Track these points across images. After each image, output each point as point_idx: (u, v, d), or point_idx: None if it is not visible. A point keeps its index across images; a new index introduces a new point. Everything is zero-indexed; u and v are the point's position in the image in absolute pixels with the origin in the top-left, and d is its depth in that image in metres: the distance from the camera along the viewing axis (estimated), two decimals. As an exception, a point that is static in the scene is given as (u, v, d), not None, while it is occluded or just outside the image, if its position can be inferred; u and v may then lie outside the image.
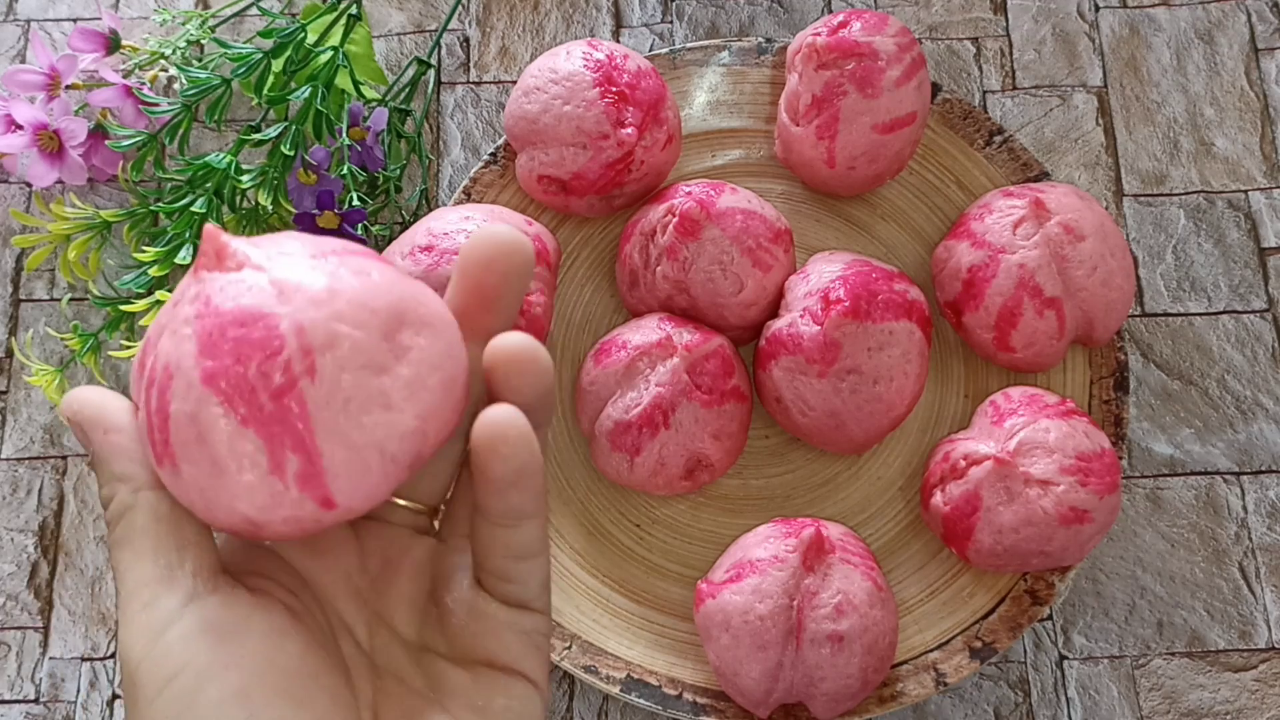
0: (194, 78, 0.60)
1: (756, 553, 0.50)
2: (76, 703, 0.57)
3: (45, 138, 0.60)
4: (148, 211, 0.59)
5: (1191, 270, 0.62)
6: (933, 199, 0.61)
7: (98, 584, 0.59)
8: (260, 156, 0.62)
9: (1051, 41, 0.67)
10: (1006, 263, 0.54)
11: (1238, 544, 0.58)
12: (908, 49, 0.56)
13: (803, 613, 0.48)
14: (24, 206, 0.65)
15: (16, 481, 0.60)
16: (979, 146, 0.61)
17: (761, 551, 0.50)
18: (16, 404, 0.62)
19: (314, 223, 0.57)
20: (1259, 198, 0.63)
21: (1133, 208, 0.64)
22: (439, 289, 0.53)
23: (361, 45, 0.64)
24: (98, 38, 0.62)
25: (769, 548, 0.50)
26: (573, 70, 0.56)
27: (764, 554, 0.50)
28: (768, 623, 0.48)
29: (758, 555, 0.50)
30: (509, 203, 0.60)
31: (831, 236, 0.61)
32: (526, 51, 0.67)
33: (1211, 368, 0.61)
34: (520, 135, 0.57)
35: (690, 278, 0.55)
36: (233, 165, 0.58)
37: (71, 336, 0.59)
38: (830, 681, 0.48)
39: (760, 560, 0.50)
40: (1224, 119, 0.65)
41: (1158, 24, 0.67)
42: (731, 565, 0.51)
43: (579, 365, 0.58)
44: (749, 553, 0.51)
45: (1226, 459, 0.59)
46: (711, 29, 0.67)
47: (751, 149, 0.62)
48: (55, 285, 0.64)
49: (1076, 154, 0.64)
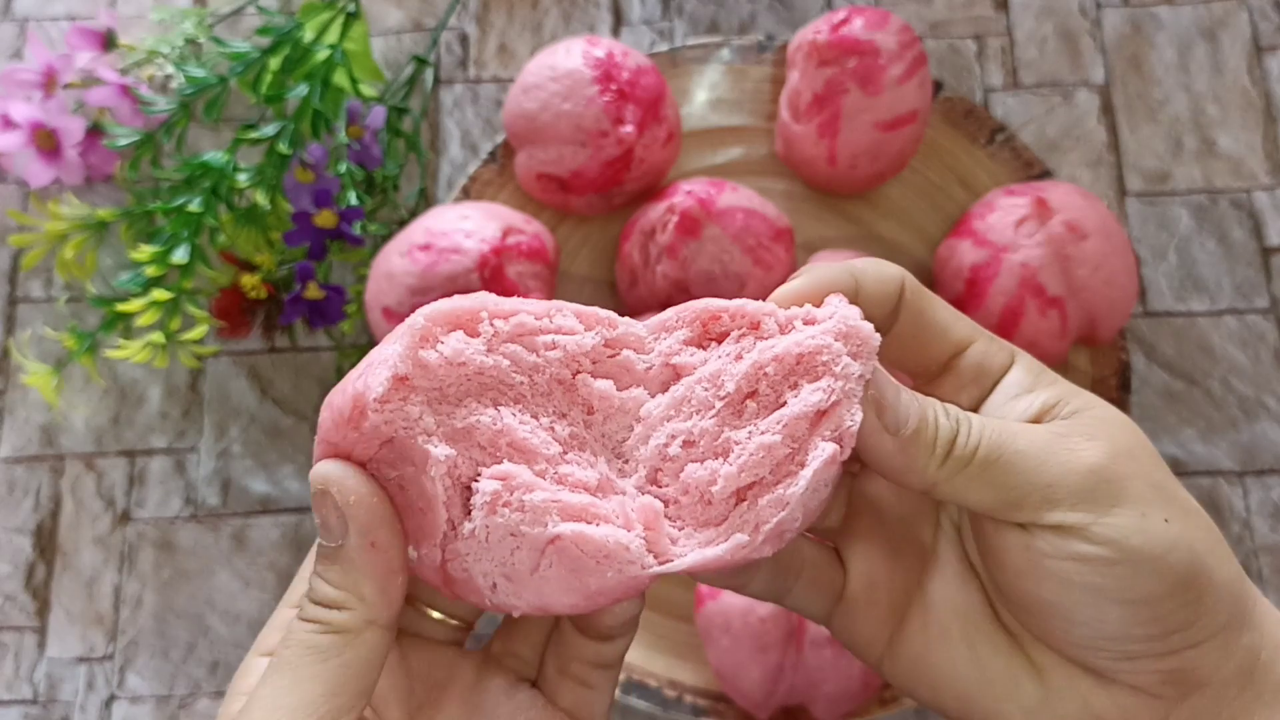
0: (191, 76, 0.60)
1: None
2: (75, 703, 0.57)
3: (42, 136, 0.60)
4: (144, 210, 0.59)
5: (1194, 269, 0.62)
6: (934, 197, 0.61)
7: (94, 585, 0.58)
8: (257, 155, 0.61)
9: (1054, 39, 0.66)
10: (1009, 262, 0.53)
11: (1241, 545, 0.57)
12: (909, 46, 0.56)
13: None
14: (20, 205, 0.65)
15: (13, 482, 0.60)
16: (981, 145, 0.60)
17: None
18: (13, 404, 0.61)
19: (311, 221, 0.57)
20: (1262, 196, 0.63)
21: (1135, 206, 0.63)
22: (437, 287, 0.53)
23: (359, 43, 0.64)
24: (95, 36, 0.62)
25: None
26: (572, 68, 0.55)
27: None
28: (769, 624, 0.48)
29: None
30: (508, 201, 0.60)
31: (833, 235, 0.60)
32: (525, 49, 0.67)
33: (1214, 367, 0.60)
34: (519, 133, 0.57)
35: (691, 276, 0.55)
36: (230, 164, 0.57)
37: (68, 336, 0.58)
38: (831, 683, 0.48)
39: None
40: (1227, 117, 0.65)
41: (1160, 22, 0.67)
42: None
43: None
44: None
45: (1229, 459, 0.59)
46: (712, 26, 0.67)
47: (752, 147, 0.62)
48: (51, 285, 0.63)
49: (1079, 152, 0.64)
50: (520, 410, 0.27)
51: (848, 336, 0.27)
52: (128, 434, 0.61)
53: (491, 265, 0.53)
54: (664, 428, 0.28)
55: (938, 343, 0.30)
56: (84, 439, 0.61)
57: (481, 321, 0.27)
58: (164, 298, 0.56)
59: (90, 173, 0.63)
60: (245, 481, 0.60)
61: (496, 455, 0.27)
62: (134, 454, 0.61)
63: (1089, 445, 0.27)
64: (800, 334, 0.27)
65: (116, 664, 0.57)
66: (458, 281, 0.52)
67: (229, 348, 0.62)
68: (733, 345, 0.28)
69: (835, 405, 0.26)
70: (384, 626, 0.26)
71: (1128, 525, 0.26)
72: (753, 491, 0.27)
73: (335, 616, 0.26)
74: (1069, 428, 0.28)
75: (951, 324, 0.30)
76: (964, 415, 0.28)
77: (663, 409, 0.28)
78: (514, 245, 0.54)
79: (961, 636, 0.30)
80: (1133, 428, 0.29)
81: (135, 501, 0.60)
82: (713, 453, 0.27)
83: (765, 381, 0.27)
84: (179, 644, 0.58)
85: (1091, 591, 0.27)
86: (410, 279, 0.53)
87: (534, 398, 0.28)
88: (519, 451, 0.27)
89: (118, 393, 0.62)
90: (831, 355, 0.27)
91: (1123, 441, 0.28)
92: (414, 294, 0.52)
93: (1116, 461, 0.27)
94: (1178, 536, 0.27)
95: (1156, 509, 0.27)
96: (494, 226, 0.54)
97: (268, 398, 0.61)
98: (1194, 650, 0.27)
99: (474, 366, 0.27)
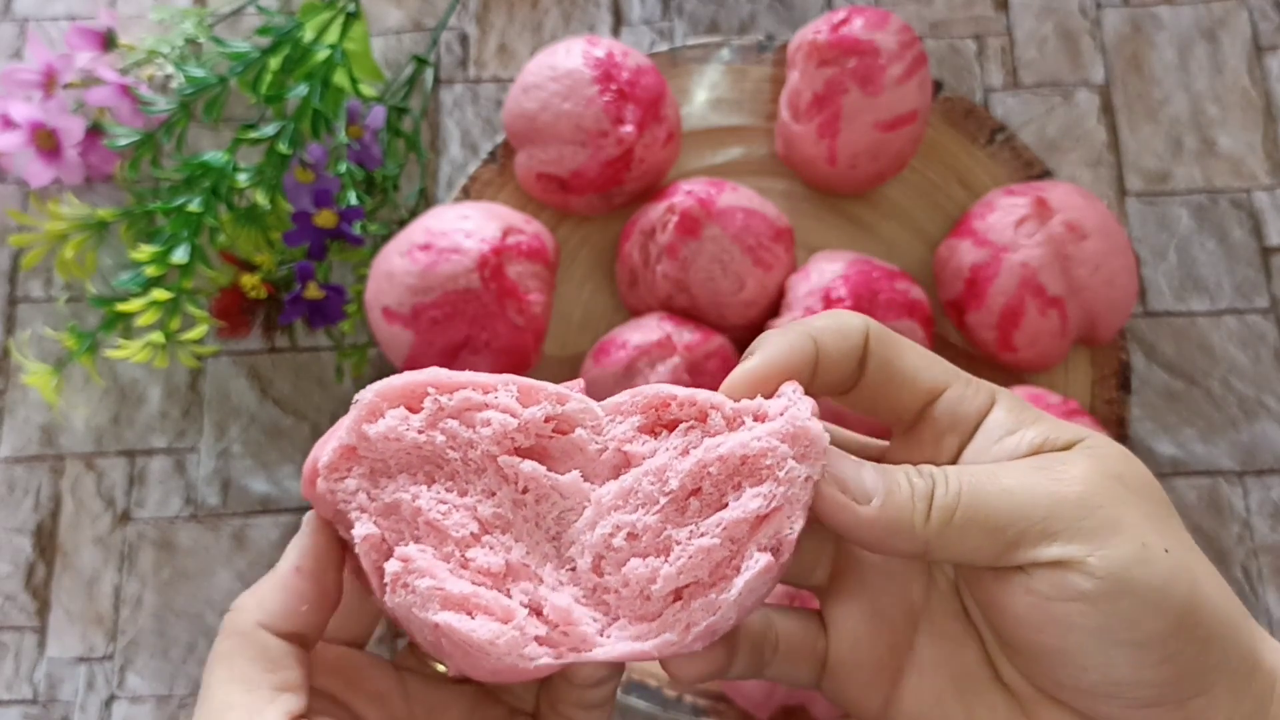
0: (191, 76, 0.60)
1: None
2: (75, 703, 0.57)
3: (42, 136, 0.60)
4: (144, 210, 0.59)
5: (1194, 269, 0.62)
6: (934, 197, 0.61)
7: (94, 585, 0.58)
8: (258, 155, 0.61)
9: (1054, 39, 0.66)
10: (1009, 261, 0.53)
11: (1240, 545, 0.57)
12: (909, 46, 0.56)
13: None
14: (20, 205, 0.65)
15: (13, 482, 0.60)
16: (981, 144, 0.60)
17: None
18: (13, 404, 0.61)
19: (311, 221, 0.57)
20: (1262, 196, 0.63)
21: (1135, 206, 0.63)
22: (437, 287, 0.53)
23: (359, 43, 0.64)
24: (95, 36, 0.62)
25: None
26: (572, 67, 0.55)
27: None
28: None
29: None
30: (508, 201, 0.60)
31: (833, 235, 0.60)
32: (525, 49, 0.67)
33: (1214, 367, 0.60)
34: (519, 133, 0.57)
35: (690, 276, 0.55)
36: (230, 164, 0.57)
37: (68, 336, 0.58)
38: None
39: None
40: (1227, 117, 0.65)
41: (1160, 22, 0.67)
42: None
43: (579, 365, 0.58)
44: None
45: (1229, 459, 0.59)
46: (712, 26, 0.67)
47: (752, 147, 0.62)
48: (51, 284, 0.63)
49: (1079, 152, 0.64)
50: (448, 487, 0.28)
51: (796, 438, 0.27)
52: (128, 434, 0.61)
53: (491, 265, 0.53)
54: (610, 517, 0.28)
55: (909, 391, 0.29)
56: (84, 439, 0.61)
57: (427, 396, 0.28)
58: (164, 298, 0.56)
59: (90, 173, 0.62)
60: (245, 481, 0.60)
61: (415, 533, 0.27)
62: (134, 454, 0.61)
63: (1077, 473, 0.27)
64: (747, 434, 0.27)
65: (116, 664, 0.57)
66: (458, 281, 0.52)
67: (229, 348, 0.62)
68: (680, 438, 0.28)
69: (776, 511, 0.26)
70: (277, 632, 0.28)
71: (1127, 555, 0.26)
72: (689, 591, 0.27)
73: (236, 619, 0.28)
74: (1054, 459, 0.27)
75: (922, 370, 0.29)
76: (937, 470, 0.27)
77: (611, 497, 0.28)
78: (514, 245, 0.54)
79: (958, 699, 0.29)
80: (1126, 455, 0.28)
81: (135, 501, 0.60)
82: (654, 549, 0.27)
83: (709, 480, 0.27)
84: (179, 644, 0.58)
85: (1097, 635, 0.26)
86: (410, 279, 0.53)
87: (466, 474, 0.28)
88: (434, 531, 0.27)
89: (118, 393, 0.62)
90: (776, 459, 0.26)
91: (1114, 468, 0.27)
92: (414, 294, 0.52)
93: (1108, 488, 0.26)
94: (1178, 566, 0.26)
95: (1156, 538, 0.26)
96: (494, 226, 0.54)
97: (268, 398, 0.61)
98: (1205, 698, 0.26)
99: (408, 442, 0.27)
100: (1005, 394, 0.29)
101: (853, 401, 0.30)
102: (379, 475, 0.28)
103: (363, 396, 0.28)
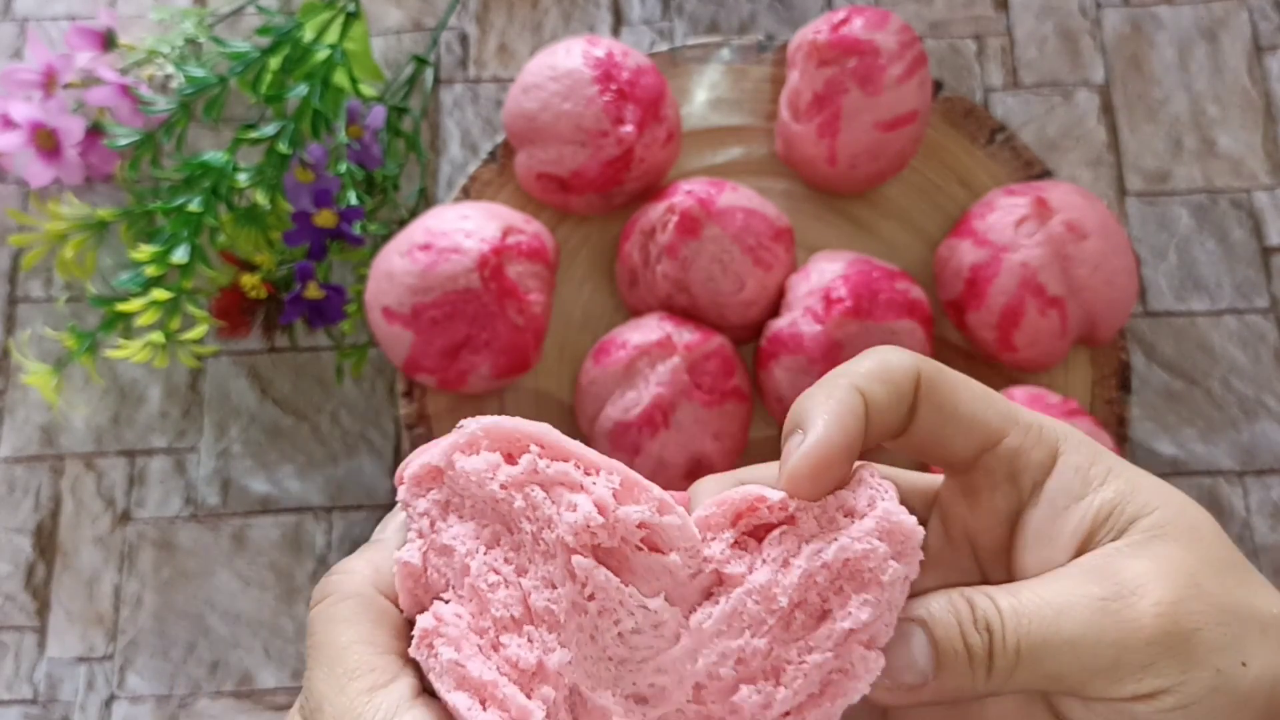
0: (191, 76, 0.60)
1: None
2: (75, 703, 0.57)
3: (42, 136, 0.60)
4: (144, 210, 0.59)
5: (1194, 269, 0.62)
6: (934, 197, 0.61)
7: (94, 585, 0.58)
8: (258, 155, 0.61)
9: (1054, 39, 0.66)
10: (1009, 261, 0.53)
11: (1240, 544, 0.57)
12: (909, 46, 0.56)
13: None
14: (20, 205, 0.65)
15: (13, 482, 0.60)
16: (981, 144, 0.60)
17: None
18: (13, 404, 0.61)
19: (311, 221, 0.57)
20: (1262, 196, 0.63)
21: (1135, 206, 0.63)
22: (437, 286, 0.53)
23: (359, 43, 0.64)
24: (94, 36, 0.62)
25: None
26: (572, 67, 0.55)
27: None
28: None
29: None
30: (508, 201, 0.60)
31: (833, 235, 0.60)
32: (525, 49, 0.67)
33: (1215, 367, 0.60)
34: (519, 133, 0.57)
35: (690, 276, 0.55)
36: (230, 164, 0.57)
37: (68, 336, 0.58)
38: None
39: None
40: (1227, 117, 0.65)
41: (1160, 22, 0.67)
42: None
43: (579, 365, 0.58)
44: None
45: (1229, 459, 0.59)
46: (712, 26, 0.67)
47: (752, 147, 0.62)
48: (51, 284, 0.63)
49: (1079, 152, 0.64)
50: (508, 558, 0.26)
51: (891, 534, 0.26)
52: (128, 434, 0.61)
53: (491, 265, 0.53)
54: (715, 645, 0.26)
55: (963, 438, 0.27)
56: (84, 439, 0.61)
57: (527, 451, 0.26)
58: (164, 298, 0.56)
59: (90, 173, 0.62)
60: (245, 481, 0.60)
61: (460, 591, 0.26)
62: (134, 454, 0.61)
63: (1146, 606, 0.25)
64: (847, 537, 0.26)
65: (116, 664, 0.57)
66: (458, 281, 0.52)
67: (229, 348, 0.62)
68: (776, 548, 0.26)
69: (879, 618, 0.26)
70: (365, 597, 0.27)
71: (1204, 687, 0.24)
72: (802, 705, 0.26)
73: (343, 579, 0.27)
74: (1120, 582, 0.25)
75: (980, 415, 0.27)
76: (991, 614, 0.26)
77: (713, 623, 0.26)
78: (514, 245, 0.54)
79: None
80: (1198, 531, 0.26)
81: (135, 501, 0.60)
82: (763, 673, 0.26)
83: (814, 590, 0.26)
84: (179, 644, 0.58)
85: None
86: (410, 278, 0.53)
87: (533, 552, 0.26)
88: (477, 596, 0.26)
89: (118, 392, 0.62)
90: (878, 560, 0.25)
91: (1186, 570, 0.25)
92: (414, 294, 0.52)
93: (1180, 615, 0.25)
94: (1259, 676, 0.25)
95: (1232, 654, 0.25)
96: (494, 226, 0.54)
97: (268, 398, 0.61)
98: None
99: (488, 492, 0.26)
100: (1068, 444, 0.27)
101: (899, 446, 0.28)
102: (451, 509, 0.27)
103: (467, 425, 0.26)
